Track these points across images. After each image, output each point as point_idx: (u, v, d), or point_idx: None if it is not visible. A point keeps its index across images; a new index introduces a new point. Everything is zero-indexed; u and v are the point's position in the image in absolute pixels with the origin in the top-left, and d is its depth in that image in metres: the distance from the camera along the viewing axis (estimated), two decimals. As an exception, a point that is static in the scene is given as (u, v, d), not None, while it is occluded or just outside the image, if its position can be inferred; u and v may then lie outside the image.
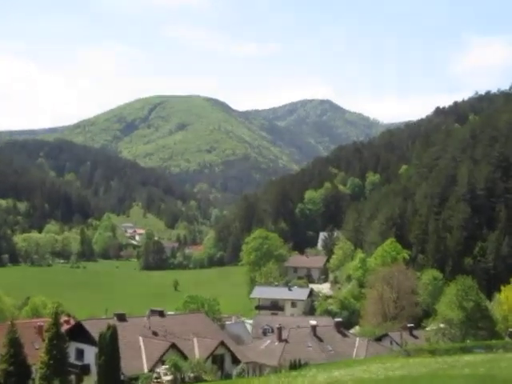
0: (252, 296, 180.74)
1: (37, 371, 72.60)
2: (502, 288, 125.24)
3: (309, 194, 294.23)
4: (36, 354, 75.32)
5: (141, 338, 79.10)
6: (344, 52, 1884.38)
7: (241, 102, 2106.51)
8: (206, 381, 69.96)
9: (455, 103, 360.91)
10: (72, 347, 76.69)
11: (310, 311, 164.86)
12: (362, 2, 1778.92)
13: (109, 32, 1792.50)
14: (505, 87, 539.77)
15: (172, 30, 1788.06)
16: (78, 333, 79.96)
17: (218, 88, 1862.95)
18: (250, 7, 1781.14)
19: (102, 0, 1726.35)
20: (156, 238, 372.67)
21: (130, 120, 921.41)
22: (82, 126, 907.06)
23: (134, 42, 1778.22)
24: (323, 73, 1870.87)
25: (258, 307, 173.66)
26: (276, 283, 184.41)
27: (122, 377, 69.22)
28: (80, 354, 79.77)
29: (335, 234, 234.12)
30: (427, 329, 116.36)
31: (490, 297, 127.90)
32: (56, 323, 71.32)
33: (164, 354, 75.05)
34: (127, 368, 71.93)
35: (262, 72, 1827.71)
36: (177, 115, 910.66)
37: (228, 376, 79.26)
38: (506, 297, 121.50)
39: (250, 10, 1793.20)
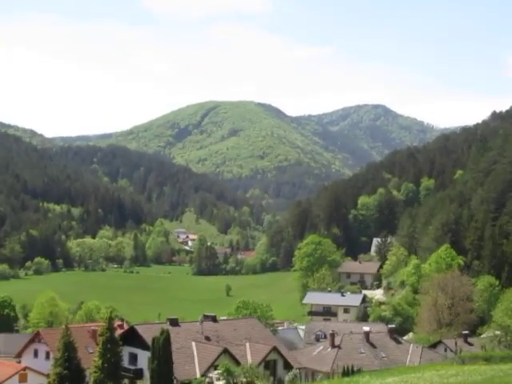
0: (304, 301, 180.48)
1: (91, 375, 73.37)
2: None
3: (362, 200, 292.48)
4: (90, 358, 76.05)
5: (193, 343, 79.31)
6: (398, 56, 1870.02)
7: (293, 107, 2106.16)
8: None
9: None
10: (125, 351, 77.16)
11: (363, 317, 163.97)
12: (415, 5, 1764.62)
13: (161, 36, 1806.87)
14: None
15: (224, 35, 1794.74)
16: (132, 337, 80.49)
17: (270, 93, 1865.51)
18: (301, 11, 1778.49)
19: (151, 5, 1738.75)
20: (208, 244, 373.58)
21: (183, 126, 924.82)
22: (136, 132, 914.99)
23: (187, 46, 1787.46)
24: (377, 77, 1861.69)
25: (311, 313, 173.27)
26: (329, 289, 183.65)
27: (174, 381, 69.61)
28: (133, 358, 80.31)
29: (389, 239, 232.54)
30: (482, 336, 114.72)
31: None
32: (110, 327, 71.80)
33: (216, 359, 75.19)
34: (180, 373, 72.31)
35: (314, 77, 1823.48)
36: (229, 121, 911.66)
37: (280, 382, 79.19)
38: None
39: (302, 14, 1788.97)
